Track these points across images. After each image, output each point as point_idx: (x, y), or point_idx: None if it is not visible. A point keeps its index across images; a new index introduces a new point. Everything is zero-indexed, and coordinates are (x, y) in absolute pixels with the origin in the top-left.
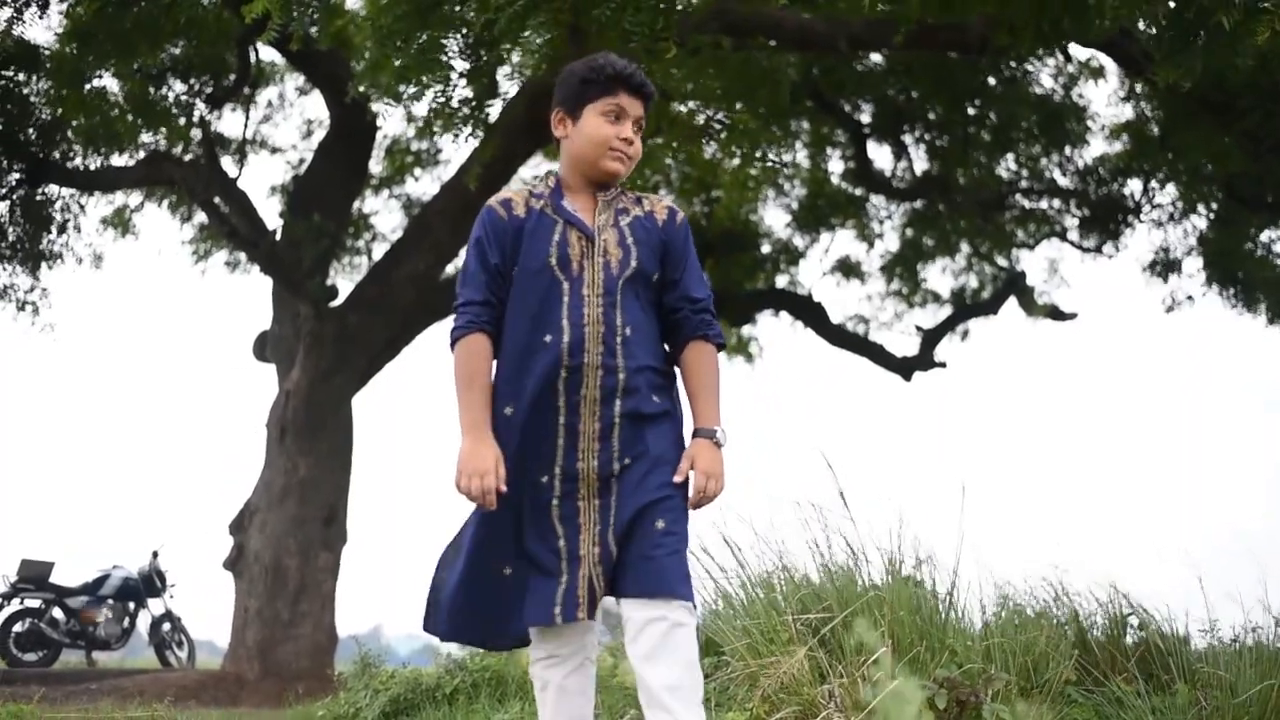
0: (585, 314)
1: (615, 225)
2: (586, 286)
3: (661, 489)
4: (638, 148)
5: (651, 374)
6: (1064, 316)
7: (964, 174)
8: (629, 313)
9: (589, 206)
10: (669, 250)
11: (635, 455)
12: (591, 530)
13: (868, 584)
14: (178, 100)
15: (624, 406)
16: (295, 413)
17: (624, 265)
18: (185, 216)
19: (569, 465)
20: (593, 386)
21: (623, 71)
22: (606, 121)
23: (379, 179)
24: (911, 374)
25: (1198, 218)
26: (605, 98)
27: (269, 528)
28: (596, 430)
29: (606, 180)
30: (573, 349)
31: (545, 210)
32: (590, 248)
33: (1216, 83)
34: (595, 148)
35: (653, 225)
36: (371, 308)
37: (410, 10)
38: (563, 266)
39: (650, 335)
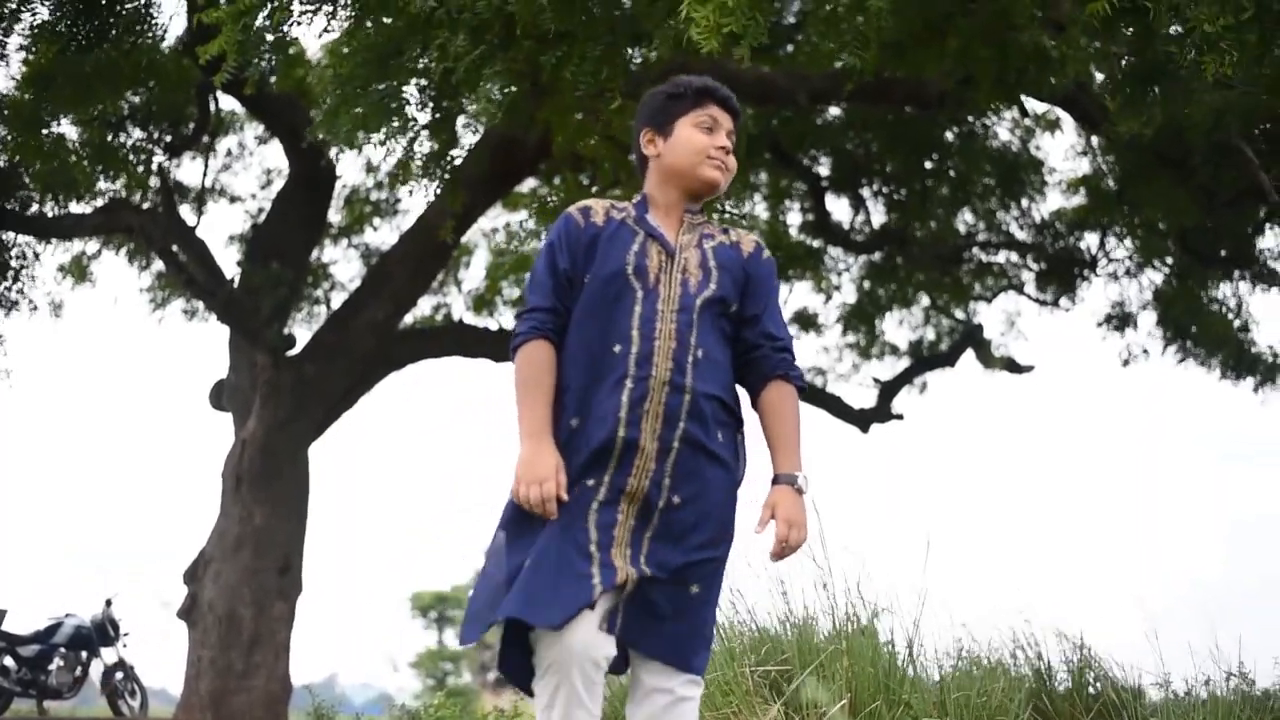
0: (658, 327)
1: (699, 246)
2: (662, 301)
3: (704, 549)
4: (733, 161)
5: (719, 406)
6: (1021, 369)
7: (922, 227)
8: (705, 336)
9: (674, 225)
10: (752, 283)
11: (686, 497)
12: (622, 547)
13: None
14: (136, 147)
15: (687, 431)
16: (251, 462)
17: (703, 286)
18: (143, 264)
19: (619, 479)
20: (657, 403)
21: (710, 85)
22: (701, 131)
23: (338, 228)
24: (869, 426)
25: (1154, 271)
26: (696, 110)
27: (223, 577)
28: (654, 450)
29: (705, 191)
30: (640, 361)
31: (627, 221)
32: (670, 263)
33: (1173, 137)
34: (694, 155)
35: (737, 255)
36: (329, 357)
37: (370, 58)
38: (639, 276)
39: (723, 366)
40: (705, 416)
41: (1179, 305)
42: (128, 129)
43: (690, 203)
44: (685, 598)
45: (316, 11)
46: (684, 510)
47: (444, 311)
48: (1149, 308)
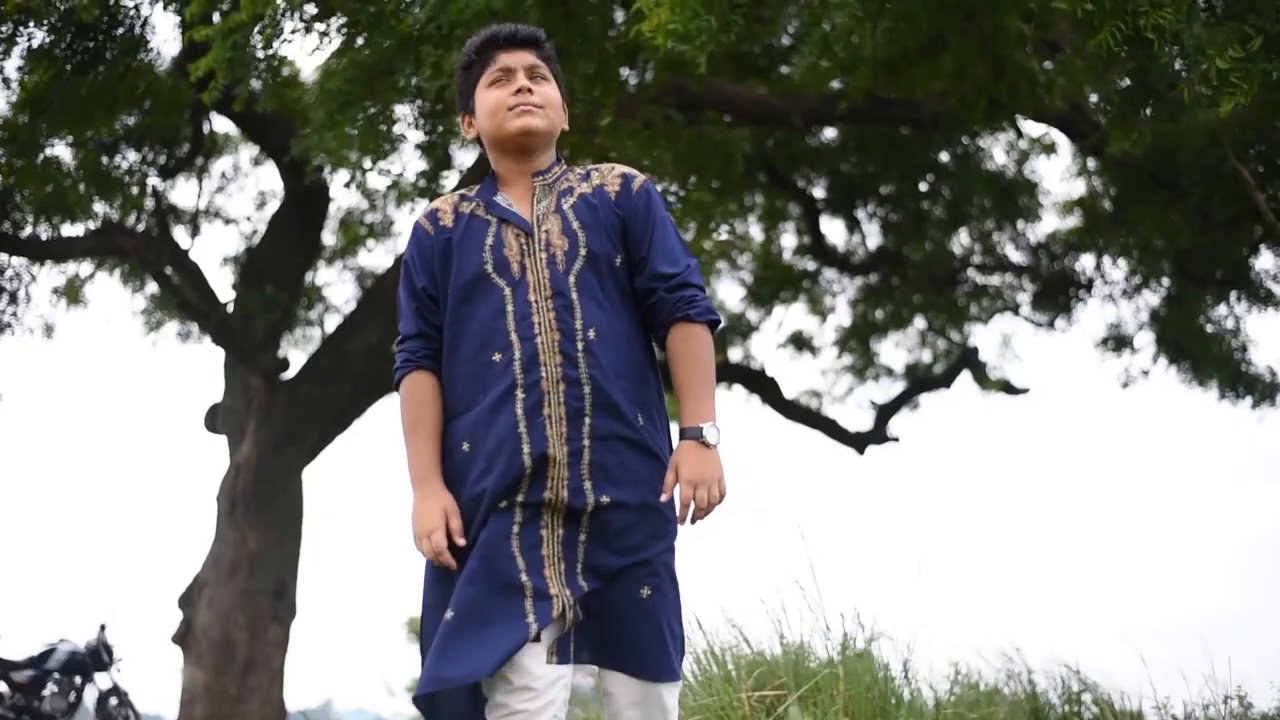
0: (535, 323)
1: (558, 211)
2: (532, 290)
3: (644, 548)
4: (545, 93)
5: (632, 384)
6: (1017, 391)
7: (917, 249)
8: (590, 313)
9: (526, 194)
10: (629, 225)
11: (615, 496)
12: (556, 566)
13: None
14: (130, 170)
15: (596, 426)
16: (245, 485)
17: (571, 256)
18: (137, 287)
19: (534, 494)
20: (555, 405)
21: (489, 35)
22: (496, 89)
23: (332, 251)
24: (865, 448)
25: (1150, 293)
26: (487, 69)
27: (218, 602)
28: (565, 455)
29: (523, 145)
30: (527, 365)
31: (477, 212)
32: (530, 243)
33: (1167, 158)
34: (493, 117)
35: (603, 200)
36: (323, 380)
37: (359, 76)
38: (501, 271)
39: (624, 338)
40: (614, 404)
41: (1176, 326)
42: (122, 151)
43: (531, 163)
44: (637, 603)
45: (309, 30)
46: (615, 510)
47: None
48: (1145, 329)
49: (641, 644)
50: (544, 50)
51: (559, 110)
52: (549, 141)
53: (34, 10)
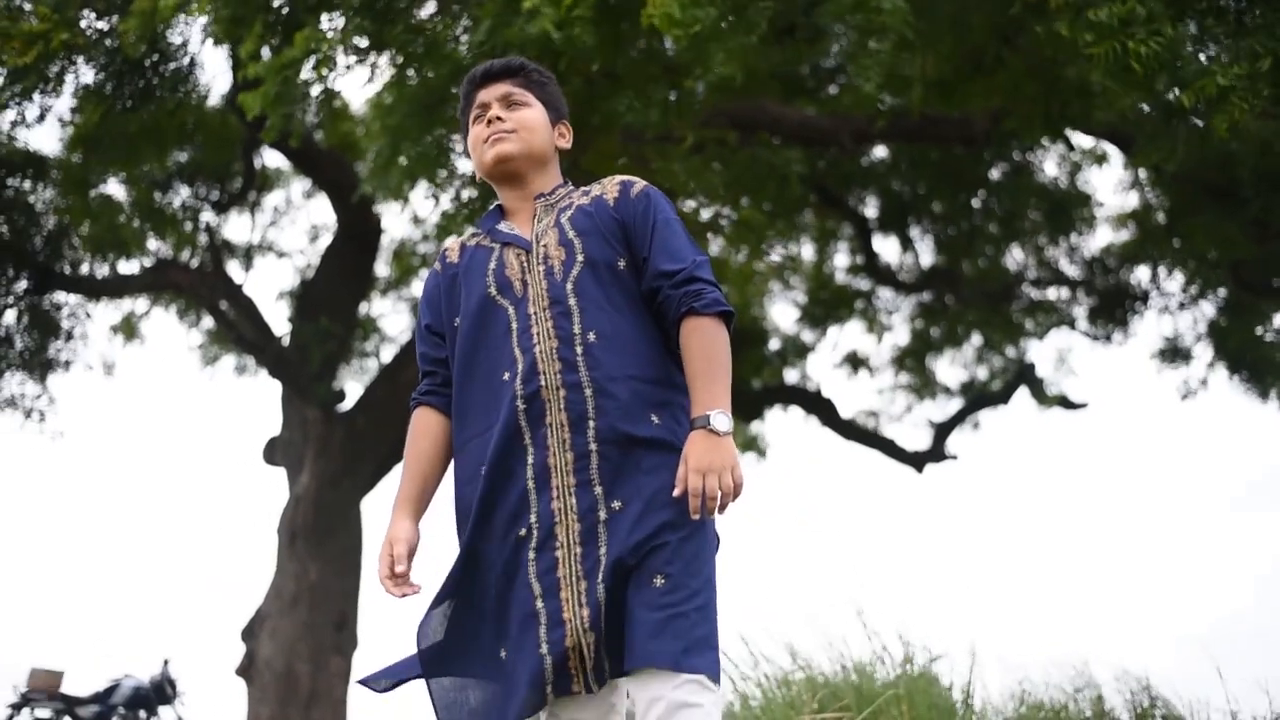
0: (534, 333)
1: (556, 225)
2: (532, 304)
3: (659, 534)
4: (520, 116)
5: (644, 385)
6: (1075, 406)
7: (971, 265)
8: (590, 317)
9: (528, 218)
10: (629, 229)
11: (627, 498)
12: (575, 586)
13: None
14: (184, 206)
15: (601, 429)
16: (305, 517)
17: (569, 265)
18: (193, 322)
19: (544, 509)
20: (557, 411)
21: (471, 74)
22: (475, 125)
23: (386, 282)
24: (923, 466)
25: (1207, 304)
26: (470, 109)
27: (280, 634)
28: (570, 462)
29: (504, 174)
30: (526, 376)
31: (482, 242)
32: (529, 260)
33: (1221, 168)
34: (474, 153)
35: (599, 208)
36: (380, 410)
37: (415, 109)
38: (504, 292)
39: (631, 338)
40: (623, 403)
41: (1234, 337)
42: (175, 187)
43: (527, 188)
44: (653, 594)
45: (361, 62)
46: (628, 510)
47: None
48: (1203, 340)
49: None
50: (523, 77)
51: (540, 130)
52: (535, 163)
53: (82, 48)
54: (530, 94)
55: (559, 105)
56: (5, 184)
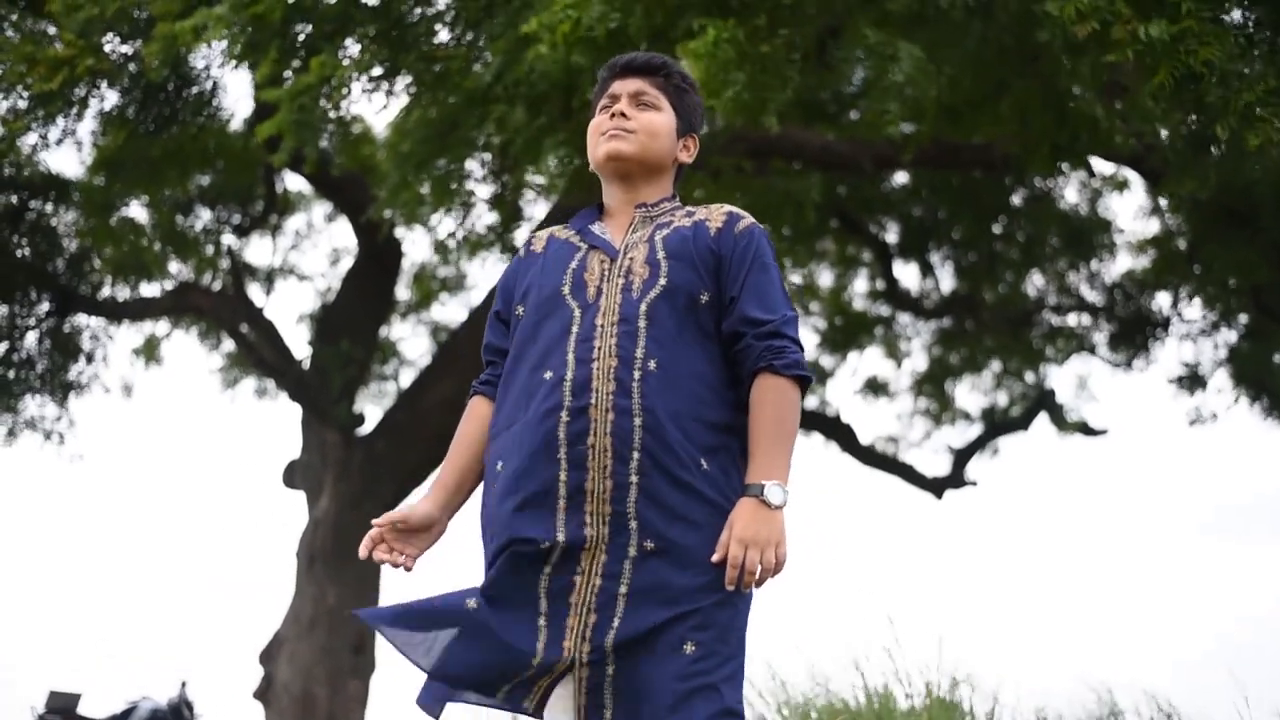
0: (595, 346)
1: (648, 241)
2: (601, 315)
3: (693, 595)
4: (646, 119)
5: (698, 426)
6: (1095, 432)
7: (991, 291)
8: (657, 344)
9: (624, 226)
10: (723, 264)
11: (661, 543)
12: (583, 617)
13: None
14: (205, 229)
15: (645, 464)
16: (324, 541)
17: (648, 286)
18: (214, 345)
19: (574, 532)
20: (602, 435)
21: (610, 63)
22: (599, 115)
23: (406, 305)
24: (943, 493)
25: (1228, 330)
26: (601, 98)
27: (298, 657)
28: (608, 490)
29: (615, 168)
30: (577, 388)
31: (570, 239)
32: (611, 269)
33: (1242, 195)
34: (591, 142)
35: (699, 235)
36: (399, 434)
37: (430, 135)
38: (576, 293)
39: (697, 375)
40: (670, 442)
41: (1254, 363)
42: (196, 211)
43: (634, 193)
44: (679, 661)
45: (375, 89)
46: (660, 558)
47: None
48: (1222, 366)
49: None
50: (662, 78)
51: (663, 138)
52: (647, 169)
53: (106, 73)
54: (664, 98)
55: (692, 118)
56: (28, 206)
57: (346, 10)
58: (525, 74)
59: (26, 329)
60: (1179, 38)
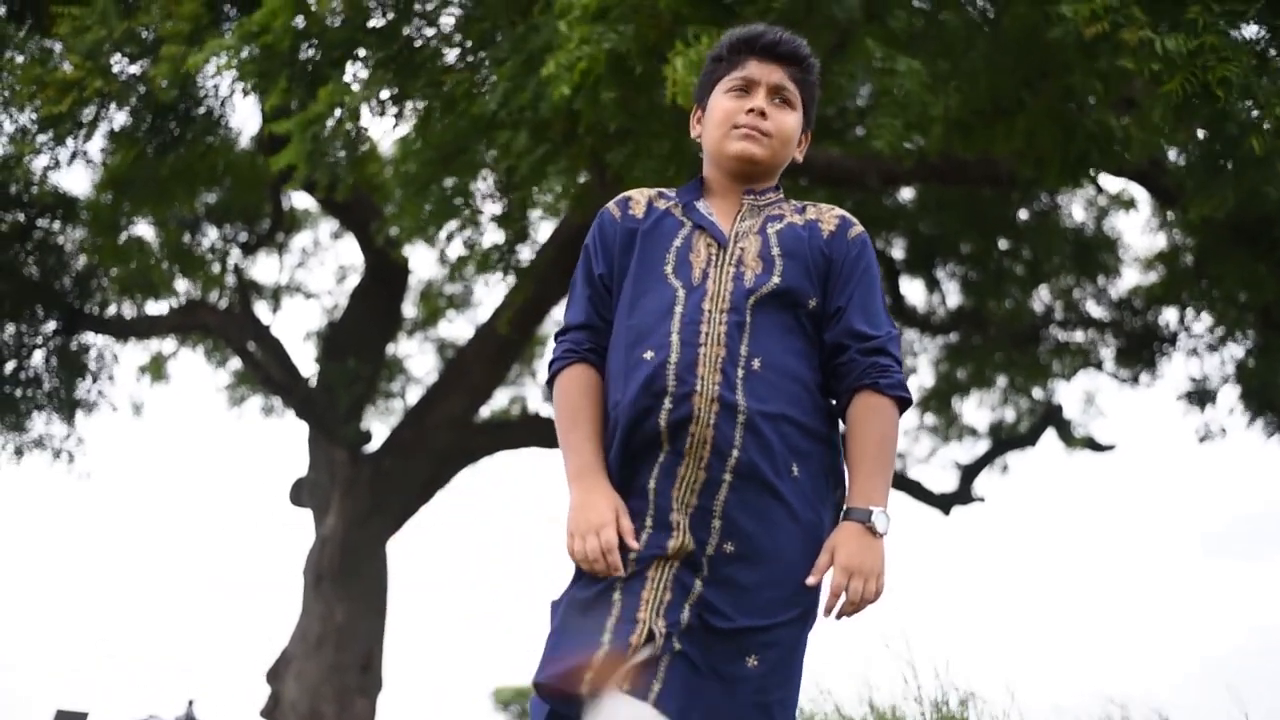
0: (702, 331)
1: (760, 233)
2: (709, 299)
3: (764, 613)
4: (780, 123)
5: (794, 430)
6: (1102, 448)
7: (998, 307)
8: (762, 342)
9: (731, 210)
10: (834, 269)
11: (742, 548)
12: (659, 594)
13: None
14: (212, 247)
15: (742, 463)
16: (331, 559)
17: (762, 279)
18: (220, 362)
19: (662, 515)
20: (704, 425)
21: (747, 35)
22: (731, 98)
23: (413, 323)
24: (950, 509)
25: (1235, 346)
26: (731, 73)
27: (305, 675)
28: (699, 483)
29: (739, 169)
30: (682, 373)
31: (672, 211)
32: (721, 254)
33: (1250, 211)
34: (717, 129)
35: (813, 236)
36: (407, 452)
37: (434, 156)
38: (680, 273)
39: (796, 378)
40: (770, 445)
41: (1261, 379)
42: (203, 229)
43: (746, 183)
44: (740, 670)
45: (383, 112)
46: (739, 563)
47: (520, 404)
48: (1230, 382)
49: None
50: (801, 69)
51: (790, 144)
52: (770, 172)
53: (115, 93)
54: (799, 94)
55: (812, 113)
56: (35, 225)
57: (353, 35)
58: (531, 101)
59: (34, 347)
60: (1197, 52)
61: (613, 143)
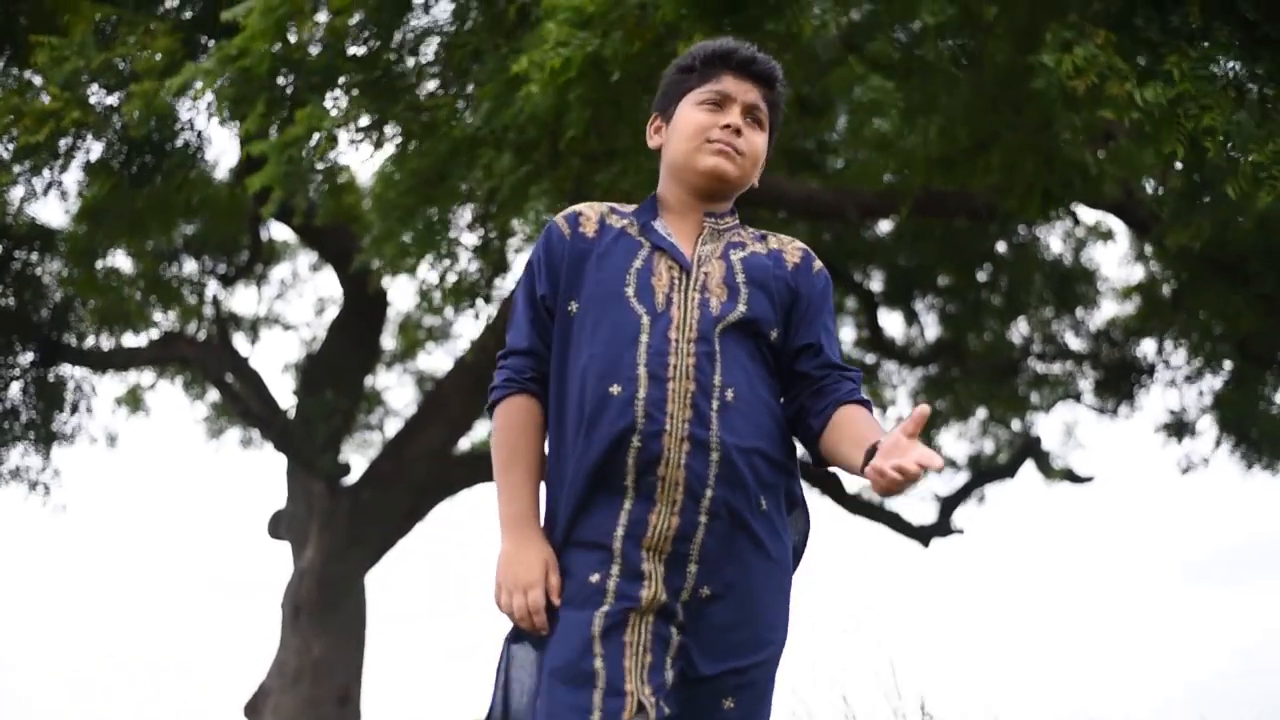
0: (670, 364)
1: (723, 258)
2: (675, 328)
3: (742, 653)
4: (754, 143)
5: (762, 463)
6: (1081, 479)
7: (976, 339)
8: (731, 372)
9: (690, 231)
10: (802, 303)
11: (719, 589)
12: (640, 658)
13: None
14: (190, 279)
15: (716, 502)
16: (309, 591)
17: (727, 309)
18: (198, 394)
19: (631, 566)
20: (674, 466)
21: (723, 49)
22: (704, 110)
23: (391, 355)
24: (930, 541)
25: (1213, 377)
26: (704, 85)
27: (283, 709)
28: (672, 529)
29: (709, 185)
30: (651, 409)
31: (628, 230)
32: (684, 279)
33: (1225, 243)
34: (688, 141)
35: (778, 266)
36: (385, 484)
37: (415, 184)
38: (642, 297)
39: (762, 409)
40: (743, 479)
41: (1239, 410)
42: (181, 260)
43: (707, 203)
44: (717, 714)
45: (363, 139)
46: (716, 605)
47: None
48: (1208, 413)
49: None
50: (774, 93)
51: (759, 166)
52: (735, 192)
53: (92, 124)
54: (769, 116)
55: (775, 134)
56: (12, 256)
57: (333, 61)
58: (514, 117)
59: (11, 379)
60: (1176, 101)
61: (599, 163)
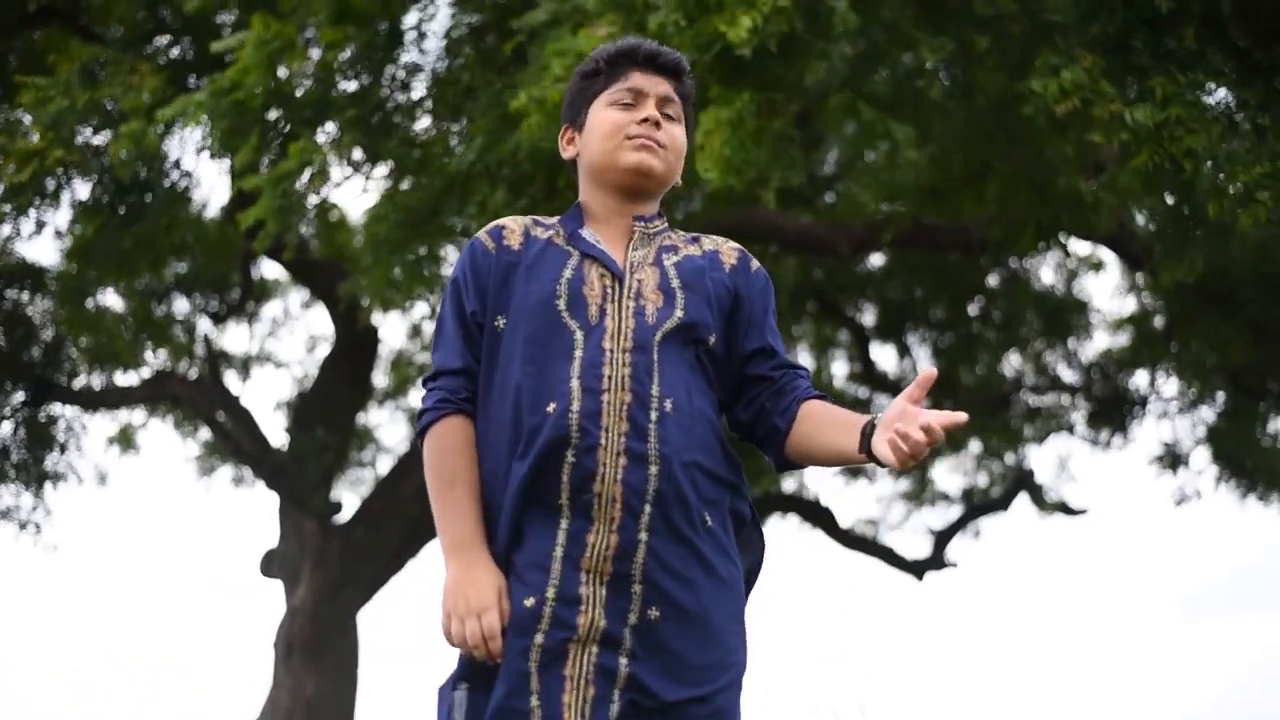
0: (605, 375)
1: (656, 264)
2: (609, 339)
3: (701, 681)
4: (674, 136)
5: (704, 477)
6: (1075, 512)
7: (969, 372)
8: (670, 382)
9: (619, 238)
10: (745, 306)
11: (667, 612)
12: (582, 692)
13: None
14: (181, 318)
15: (656, 519)
16: (301, 630)
17: (663, 317)
18: (189, 433)
19: (568, 590)
20: (611, 481)
21: (627, 48)
22: (618, 110)
23: (383, 392)
24: (924, 575)
25: (1206, 408)
26: (614, 86)
27: None
28: (612, 548)
29: (635, 183)
30: (586, 424)
31: (555, 240)
32: (617, 288)
33: (1219, 274)
34: (606, 141)
35: (714, 268)
36: (378, 522)
37: (405, 220)
38: (575, 311)
39: (702, 422)
40: (684, 494)
41: (1232, 441)
42: (172, 299)
43: (634, 206)
44: None
45: (355, 174)
46: (669, 628)
47: None
48: (1201, 445)
49: None
50: (684, 85)
51: (682, 159)
52: (661, 190)
53: (77, 164)
54: (683, 109)
55: (692, 132)
56: (3, 295)
57: (325, 96)
58: (510, 153)
59: (1, 418)
60: (1163, 124)
61: None
